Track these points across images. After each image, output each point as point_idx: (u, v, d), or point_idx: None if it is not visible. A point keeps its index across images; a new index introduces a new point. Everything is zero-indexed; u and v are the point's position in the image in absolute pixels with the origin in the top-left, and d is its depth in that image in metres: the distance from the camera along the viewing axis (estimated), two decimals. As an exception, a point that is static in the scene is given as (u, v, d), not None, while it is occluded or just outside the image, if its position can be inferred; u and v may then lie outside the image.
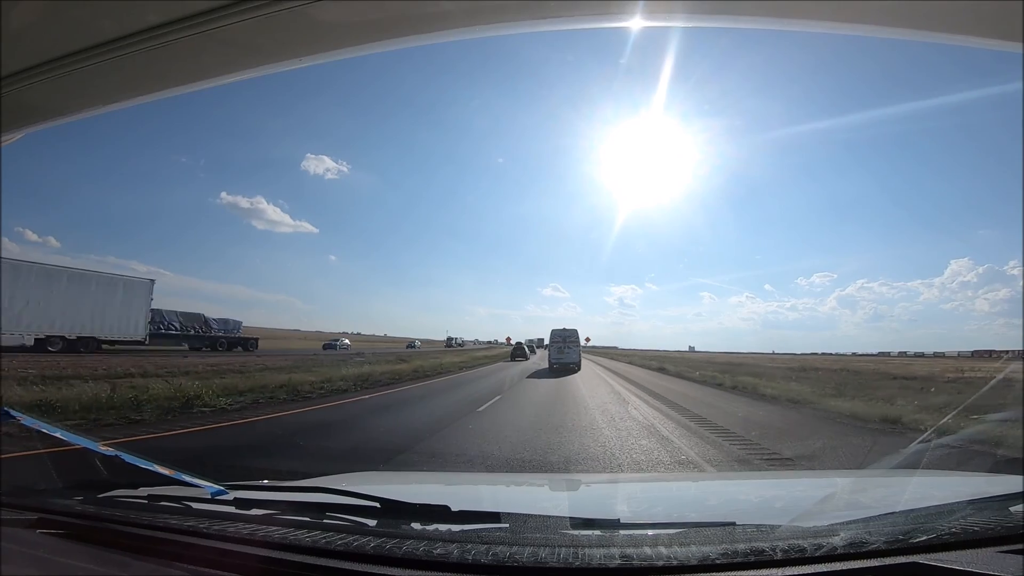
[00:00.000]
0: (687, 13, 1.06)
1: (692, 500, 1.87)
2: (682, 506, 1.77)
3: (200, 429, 7.64)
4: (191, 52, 1.13)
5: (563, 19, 0.97)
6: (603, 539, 0.97)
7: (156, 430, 7.34)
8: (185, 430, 7.45)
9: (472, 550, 0.92)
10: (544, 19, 0.96)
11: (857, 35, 1.06)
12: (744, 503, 1.80)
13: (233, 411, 9.38)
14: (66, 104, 1.38)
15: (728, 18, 1.07)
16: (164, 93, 1.34)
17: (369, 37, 1.07)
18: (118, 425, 7.62)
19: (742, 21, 1.09)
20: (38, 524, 1.19)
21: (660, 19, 1.05)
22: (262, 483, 1.57)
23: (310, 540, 0.99)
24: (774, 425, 9.08)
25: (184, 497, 1.28)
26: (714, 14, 1.07)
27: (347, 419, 9.32)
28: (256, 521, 1.10)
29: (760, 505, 1.74)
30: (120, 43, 1.11)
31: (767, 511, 1.62)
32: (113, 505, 1.26)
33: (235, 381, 12.07)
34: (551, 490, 2.07)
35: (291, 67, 1.21)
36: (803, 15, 1.07)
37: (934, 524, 0.97)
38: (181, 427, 7.66)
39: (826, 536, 0.94)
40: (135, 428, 7.51)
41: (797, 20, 1.08)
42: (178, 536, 1.08)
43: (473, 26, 1.00)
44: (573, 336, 28.17)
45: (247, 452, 6.27)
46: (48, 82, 1.23)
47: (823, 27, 1.09)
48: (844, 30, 1.08)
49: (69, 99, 1.36)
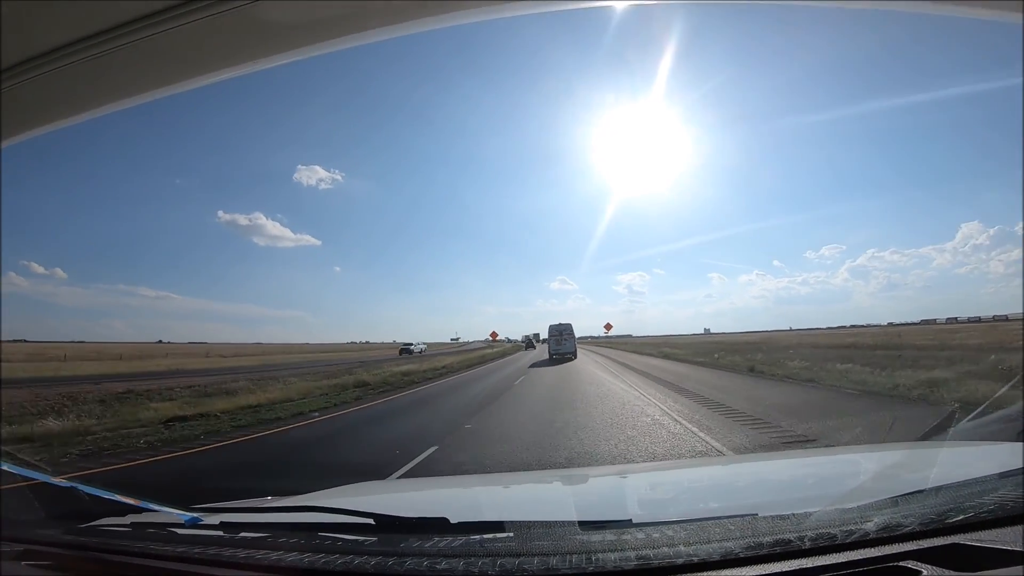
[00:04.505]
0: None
1: (708, 490, 1.81)
2: (697, 497, 1.72)
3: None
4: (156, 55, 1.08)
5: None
6: (616, 541, 0.92)
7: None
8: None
9: (477, 563, 0.88)
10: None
11: (862, 7, 1.02)
12: (763, 489, 1.74)
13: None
14: (50, 109, 1.32)
15: None
16: (151, 95, 1.28)
17: (347, 29, 1.02)
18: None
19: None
20: (24, 556, 1.14)
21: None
22: (244, 504, 1.51)
23: (308, 562, 0.95)
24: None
25: (169, 524, 1.23)
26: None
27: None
28: (247, 545, 1.05)
29: (781, 490, 1.68)
30: (114, 33, 1.04)
31: (789, 497, 1.55)
32: (98, 534, 1.21)
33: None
34: (554, 490, 1.99)
35: (269, 64, 1.17)
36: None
37: (969, 502, 0.93)
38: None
39: (857, 521, 0.90)
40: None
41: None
42: (167, 564, 1.04)
43: (456, 10, 0.96)
44: (567, 329, 33.94)
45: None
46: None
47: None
48: (850, 4, 1.05)
49: (52, 104, 1.29)
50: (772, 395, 10.42)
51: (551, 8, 0.97)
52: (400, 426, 8.96)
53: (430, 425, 8.74)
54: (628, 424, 7.72)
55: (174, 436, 8.21)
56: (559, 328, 33.82)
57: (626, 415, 8.56)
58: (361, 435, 8.34)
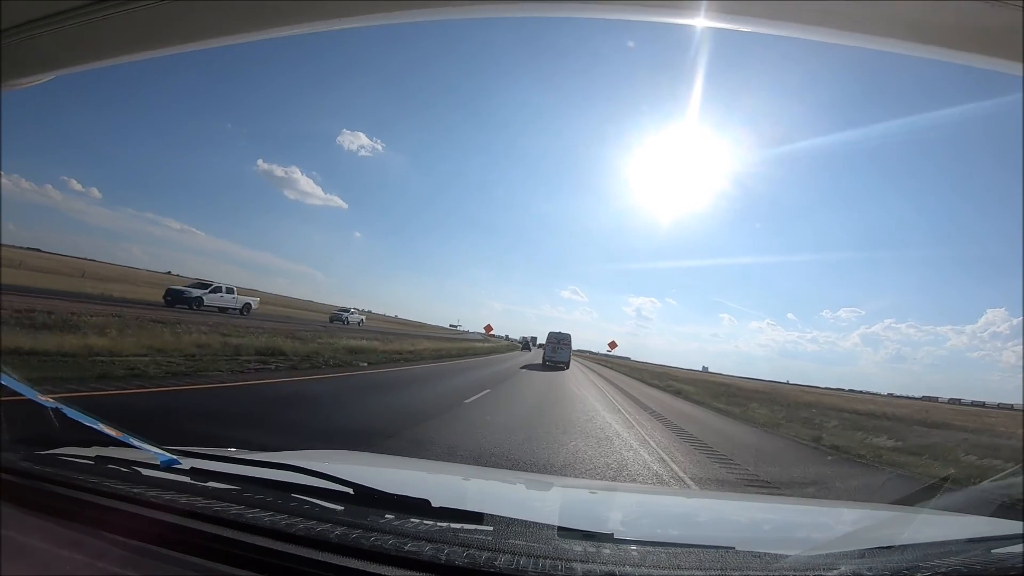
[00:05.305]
0: (748, 16, 1.00)
1: (690, 518, 1.82)
2: (677, 524, 1.73)
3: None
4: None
5: (618, 5, 0.90)
6: (590, 553, 0.92)
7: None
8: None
9: (446, 550, 0.87)
10: (598, 2, 0.89)
11: (908, 56, 0.99)
12: (743, 526, 1.75)
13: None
14: (93, 51, 1.32)
15: (781, 25, 1.01)
16: (190, 46, 1.27)
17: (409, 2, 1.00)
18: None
19: (791, 29, 1.03)
20: None
21: (721, 20, 0.98)
22: (225, 453, 1.48)
23: (269, 521, 0.93)
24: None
25: (136, 462, 1.18)
26: (773, 19, 1.01)
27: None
28: (211, 495, 1.03)
29: (760, 529, 1.70)
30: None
31: (767, 537, 1.57)
32: (55, 464, 1.15)
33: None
34: (542, 493, 1.99)
35: (322, 28, 1.15)
36: (861, 29, 1.01)
37: (932, 561, 0.94)
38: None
39: (822, 569, 0.91)
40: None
41: (850, 34, 1.02)
42: (117, 503, 1.00)
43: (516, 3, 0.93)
44: (566, 339, 34.16)
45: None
46: (69, 29, 1.17)
47: (875, 44, 1.03)
48: (889, 47, 1.02)
49: (96, 45, 1.29)
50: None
51: (620, 16, 0.94)
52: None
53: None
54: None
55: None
56: (558, 336, 34.28)
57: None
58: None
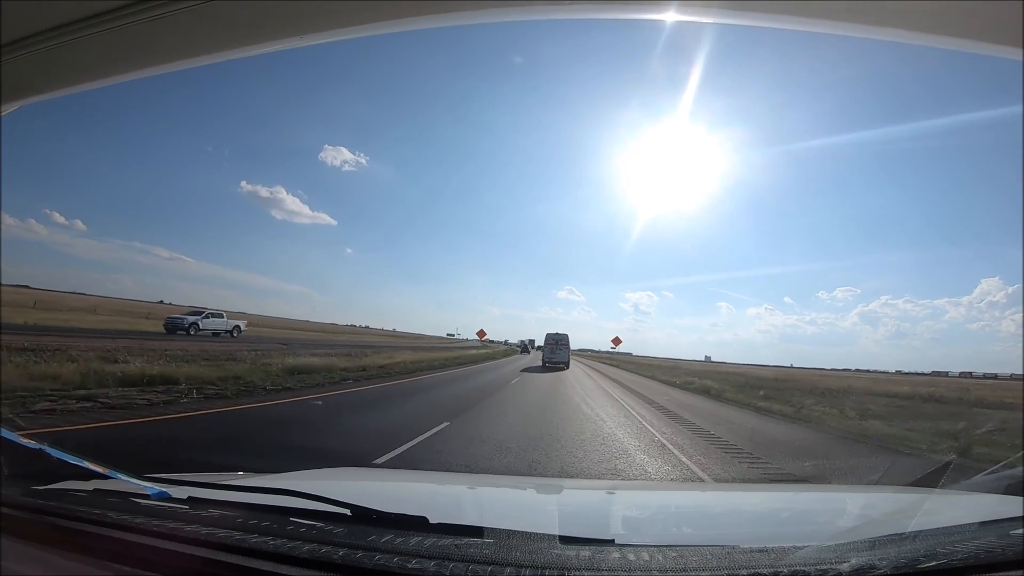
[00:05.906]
0: (720, 9, 1.01)
1: (692, 515, 1.82)
2: (681, 522, 1.72)
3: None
4: (195, 23, 1.06)
5: (594, 4, 0.91)
6: (593, 560, 0.92)
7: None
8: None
9: (449, 566, 0.88)
10: (572, 3, 0.89)
11: (894, 42, 1.01)
12: (745, 519, 1.75)
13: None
14: (68, 74, 1.32)
15: (760, 16, 1.03)
16: (172, 66, 1.29)
17: (389, 13, 1.00)
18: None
19: (776, 20, 1.04)
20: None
21: (693, 13, 0.99)
22: (218, 480, 1.48)
23: (273, 546, 0.94)
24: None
25: (132, 494, 1.19)
26: (748, 12, 1.02)
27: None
28: (212, 522, 1.04)
29: (763, 523, 1.70)
30: (120, 12, 1.05)
31: (772, 531, 1.57)
32: (56, 498, 1.17)
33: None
34: (540, 500, 1.99)
35: (298, 44, 1.16)
36: (840, 17, 1.02)
37: (943, 548, 0.95)
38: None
39: (832, 562, 0.91)
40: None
41: (832, 22, 1.03)
42: (125, 534, 1.01)
43: (499, 6, 0.93)
44: (564, 340, 34.81)
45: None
46: (45, 52, 1.17)
47: (858, 31, 1.04)
48: (877, 35, 1.03)
49: (70, 69, 1.29)
50: None
51: (597, 16, 0.95)
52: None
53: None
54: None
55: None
56: (555, 337, 34.88)
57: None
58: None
